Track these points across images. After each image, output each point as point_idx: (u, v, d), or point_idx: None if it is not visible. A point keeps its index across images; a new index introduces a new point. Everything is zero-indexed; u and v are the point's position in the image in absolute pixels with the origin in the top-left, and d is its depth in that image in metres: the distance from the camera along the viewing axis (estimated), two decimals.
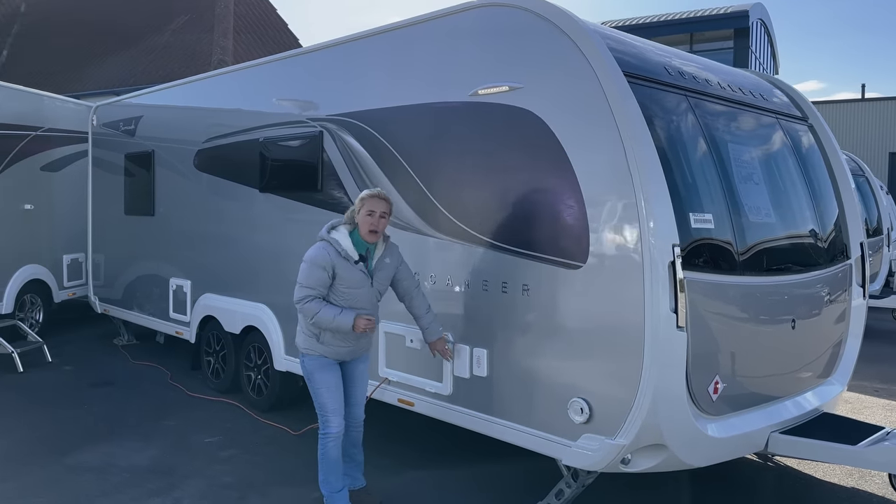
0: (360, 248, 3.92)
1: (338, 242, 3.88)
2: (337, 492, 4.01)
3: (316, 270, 3.85)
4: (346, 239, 3.91)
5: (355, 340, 4.00)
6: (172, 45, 16.97)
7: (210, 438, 5.34)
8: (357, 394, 4.17)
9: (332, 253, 3.85)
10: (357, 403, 4.18)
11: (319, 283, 3.85)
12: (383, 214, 3.91)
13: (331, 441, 3.97)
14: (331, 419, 3.96)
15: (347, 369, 4.12)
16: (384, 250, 4.03)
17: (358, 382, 4.17)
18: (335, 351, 3.99)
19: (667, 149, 3.66)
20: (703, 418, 3.64)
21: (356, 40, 5.01)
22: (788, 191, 4.57)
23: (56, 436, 5.38)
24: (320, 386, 3.98)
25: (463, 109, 4.21)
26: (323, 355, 3.98)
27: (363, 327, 3.84)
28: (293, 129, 5.51)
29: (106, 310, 8.52)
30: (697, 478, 4.59)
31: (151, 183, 7.50)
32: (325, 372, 3.98)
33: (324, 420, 3.98)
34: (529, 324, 3.89)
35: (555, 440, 3.76)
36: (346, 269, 3.87)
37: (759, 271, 4.04)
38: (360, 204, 3.92)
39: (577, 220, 3.64)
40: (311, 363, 4.01)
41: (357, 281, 3.90)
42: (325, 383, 3.98)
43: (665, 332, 3.35)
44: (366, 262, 3.94)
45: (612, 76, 3.52)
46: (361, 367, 4.17)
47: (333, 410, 3.97)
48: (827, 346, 4.68)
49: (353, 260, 3.88)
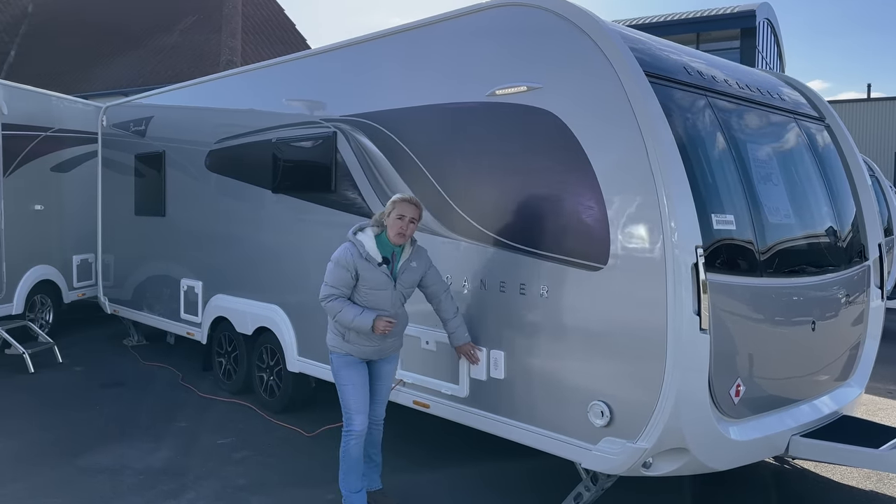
0: (386, 250, 3.92)
1: (361, 244, 3.89)
2: (356, 492, 3.99)
3: (339, 270, 3.88)
4: (371, 241, 3.91)
5: (380, 341, 3.99)
6: (180, 46, 16.97)
7: (223, 440, 5.32)
8: (381, 391, 4.17)
9: (354, 254, 3.87)
10: (379, 401, 4.18)
11: (342, 282, 3.88)
12: (412, 219, 3.90)
13: (353, 439, 3.96)
14: (354, 417, 3.96)
15: (374, 367, 4.13)
16: (411, 254, 4.01)
17: (382, 381, 4.17)
18: (360, 350, 3.99)
19: (687, 149, 3.62)
20: (724, 421, 3.61)
21: (371, 41, 4.98)
22: (807, 191, 4.53)
23: (68, 437, 5.37)
24: (346, 383, 3.99)
25: (480, 110, 4.18)
26: (349, 354, 3.99)
27: (382, 329, 3.84)
28: (306, 130, 5.49)
29: (116, 310, 8.51)
30: (713, 480, 4.55)
31: (162, 183, 7.49)
32: (350, 370, 4.00)
33: (347, 418, 3.98)
34: (548, 326, 3.85)
35: (574, 443, 3.73)
36: (369, 271, 3.87)
37: (780, 273, 4.01)
38: (391, 207, 3.92)
39: (597, 221, 3.60)
40: (338, 361, 4.04)
41: (379, 283, 3.89)
42: (350, 381, 3.98)
43: (688, 334, 3.31)
44: (390, 264, 3.93)
45: (633, 76, 3.49)
46: (388, 367, 4.17)
47: (357, 409, 3.96)
48: (845, 348, 4.64)
49: (375, 262, 3.88)
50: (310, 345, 5.49)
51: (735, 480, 4.63)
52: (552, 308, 3.82)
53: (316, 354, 5.41)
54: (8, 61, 18.87)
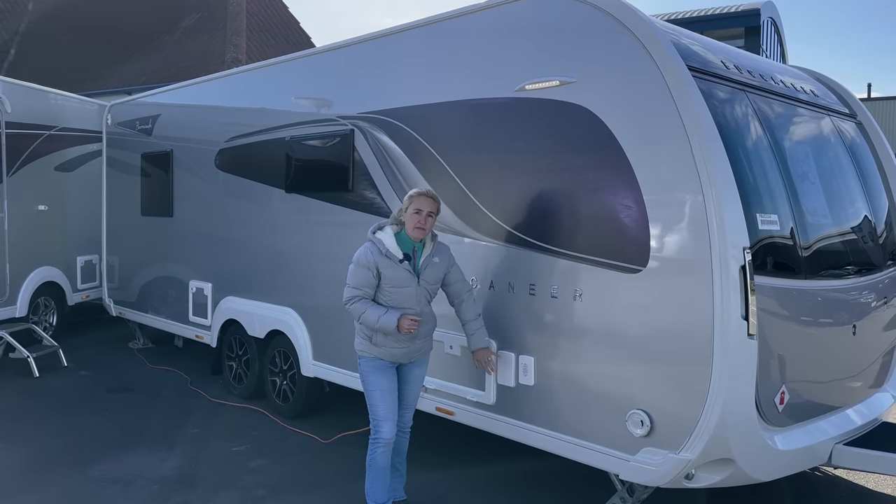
0: (406, 247, 3.80)
1: (381, 242, 3.79)
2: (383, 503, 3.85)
3: (360, 270, 3.77)
4: (391, 238, 3.81)
5: (409, 342, 3.85)
6: (183, 44, 16.77)
7: (237, 447, 5.16)
8: (409, 396, 4.03)
9: (374, 252, 3.76)
10: (407, 407, 4.04)
11: (364, 283, 3.76)
12: (430, 213, 3.79)
13: (380, 447, 3.82)
14: (381, 425, 3.82)
15: (403, 372, 3.98)
16: (432, 249, 3.89)
17: (412, 385, 4.02)
18: (389, 353, 3.85)
19: (730, 145, 3.46)
20: (769, 430, 3.45)
21: (392, 35, 4.82)
22: (843, 190, 4.38)
23: (77, 444, 5.20)
24: (374, 388, 3.85)
25: (508, 105, 4.02)
26: (378, 357, 3.85)
27: (407, 328, 3.70)
28: (322, 128, 5.33)
29: (121, 313, 8.33)
30: (742, 487, 4.39)
31: (169, 183, 7.32)
32: (378, 374, 3.86)
33: (375, 425, 3.84)
34: (582, 331, 3.70)
35: (611, 454, 3.57)
36: (390, 269, 3.75)
37: (823, 275, 3.85)
38: (409, 202, 3.81)
39: (636, 221, 3.45)
40: (366, 365, 3.90)
41: (402, 280, 3.77)
42: (378, 386, 3.84)
43: (736, 340, 3.16)
44: (411, 261, 3.80)
45: (675, 69, 3.33)
46: (417, 371, 4.02)
47: (385, 416, 3.82)
48: (882, 352, 4.49)
49: (396, 259, 3.77)
50: (325, 348, 5.33)
51: (764, 488, 4.47)
52: (587, 312, 3.67)
53: (332, 358, 5.25)
54: (8, 60, 18.66)
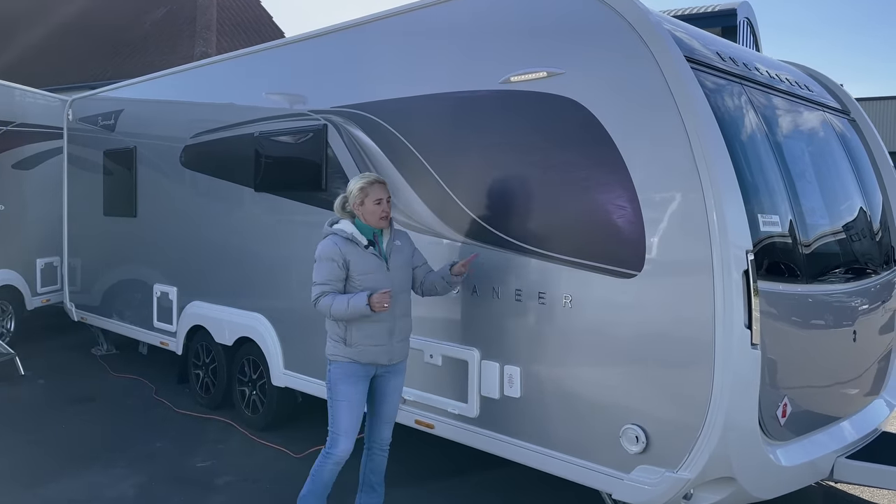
0: (367, 234, 3.59)
1: (342, 231, 3.58)
2: None
3: (326, 264, 3.53)
4: (351, 226, 3.61)
5: (388, 338, 3.58)
6: (152, 37, 16.24)
7: (203, 462, 4.85)
8: (387, 411, 3.76)
9: (339, 242, 3.55)
10: (386, 422, 3.78)
11: (332, 276, 3.52)
12: (389, 198, 3.63)
13: (331, 463, 3.56)
14: (340, 440, 3.54)
15: (380, 384, 3.70)
16: (392, 234, 3.69)
17: (390, 399, 3.75)
18: (367, 352, 3.56)
19: (730, 141, 3.24)
20: (772, 445, 3.24)
21: (366, 24, 4.54)
22: (842, 189, 4.20)
23: (30, 461, 4.85)
24: (341, 399, 3.56)
25: (492, 98, 3.77)
26: (353, 360, 3.56)
27: (378, 301, 3.40)
28: (293, 123, 5.03)
29: (83, 318, 7.95)
30: None
31: (133, 182, 6.96)
32: (349, 384, 3.57)
33: (333, 438, 3.56)
34: (572, 340, 3.45)
35: (603, 471, 3.33)
36: (359, 255, 3.54)
37: (824, 279, 3.66)
38: (362, 195, 3.58)
39: (631, 222, 3.21)
40: (338, 371, 3.59)
41: (371, 266, 3.55)
42: (346, 397, 3.56)
43: (739, 350, 2.93)
44: (376, 246, 3.59)
45: (673, 60, 3.10)
46: (395, 382, 3.75)
47: (346, 431, 3.54)
48: (880, 357, 4.31)
49: (362, 244, 3.55)
50: (297, 357, 5.04)
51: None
52: (577, 319, 3.43)
53: (304, 367, 4.96)
54: None
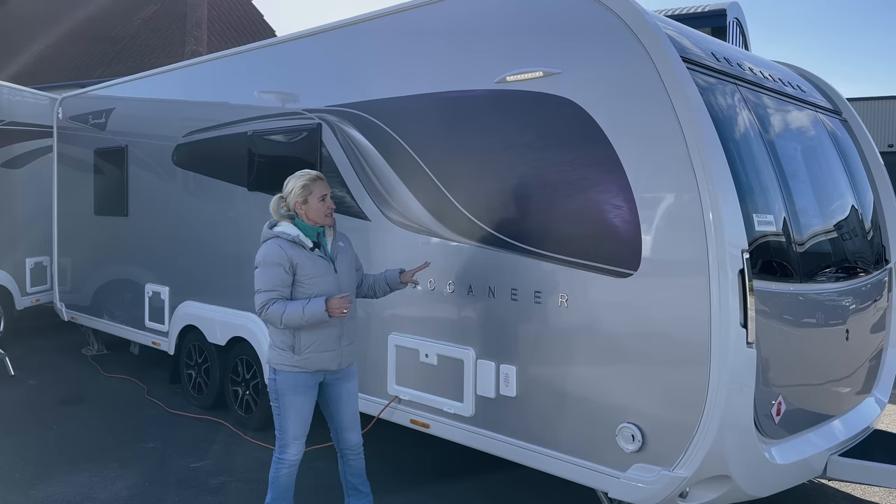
0: (311, 235, 3.48)
1: (286, 233, 3.44)
2: None
3: (271, 269, 3.38)
4: (293, 228, 3.47)
5: (337, 343, 3.48)
6: (142, 35, 16.15)
7: (196, 463, 4.82)
8: (346, 416, 3.63)
9: (284, 245, 3.40)
10: (348, 427, 3.64)
11: (279, 282, 3.37)
12: (331, 195, 3.55)
13: (286, 468, 3.52)
14: (289, 444, 3.50)
15: (331, 391, 3.60)
16: (335, 234, 3.60)
17: (345, 403, 3.62)
18: (317, 360, 3.44)
19: (725, 140, 3.25)
20: (766, 443, 3.26)
21: (362, 22, 4.53)
22: (834, 189, 4.23)
23: (21, 462, 4.80)
24: (288, 409, 3.47)
25: (488, 98, 3.77)
26: (301, 370, 3.44)
27: (337, 307, 3.30)
28: (287, 122, 5.02)
29: (74, 318, 7.89)
30: None
31: (124, 181, 6.92)
32: (297, 395, 3.46)
33: (281, 444, 3.52)
34: (568, 339, 3.46)
35: (599, 470, 3.34)
36: (306, 258, 3.41)
37: (818, 278, 3.68)
38: (305, 192, 3.45)
39: (627, 222, 3.22)
40: (284, 382, 3.46)
41: (320, 269, 3.42)
42: (293, 407, 3.47)
43: (735, 349, 2.95)
44: (321, 248, 3.49)
45: (670, 60, 3.11)
46: (348, 386, 3.62)
47: (294, 437, 3.50)
48: (872, 356, 4.35)
49: (308, 247, 3.44)
50: None
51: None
52: (573, 319, 3.43)
53: None
54: None
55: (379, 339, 4.39)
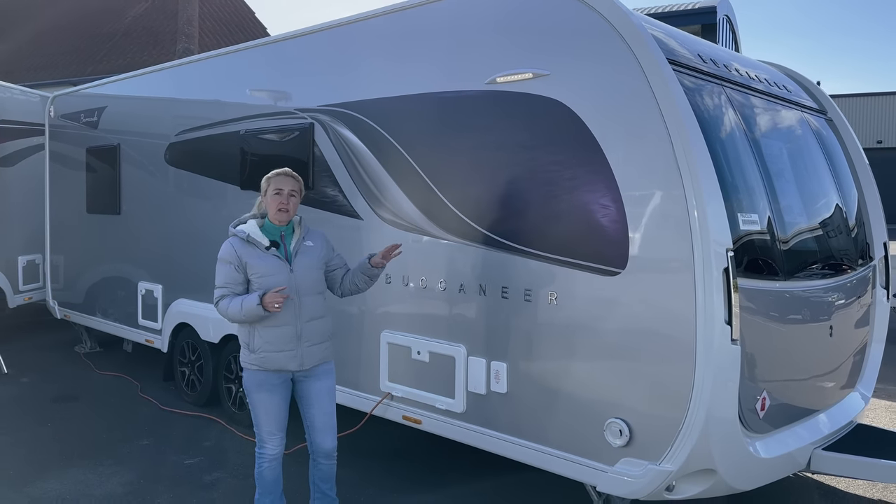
0: (273, 234, 3.53)
1: (242, 231, 3.50)
2: None
3: (223, 267, 3.48)
4: (254, 227, 3.53)
5: (295, 342, 3.48)
6: (133, 33, 16.12)
7: (191, 460, 4.87)
8: (317, 417, 3.60)
9: (236, 244, 3.47)
10: (319, 429, 3.61)
11: (230, 279, 3.46)
12: (292, 193, 3.52)
13: (265, 462, 3.57)
14: (266, 440, 3.55)
15: (301, 389, 3.61)
16: (302, 233, 3.59)
17: (316, 403, 3.59)
18: (272, 359, 3.46)
19: (711, 141, 3.32)
20: (751, 438, 3.33)
21: (353, 23, 4.57)
22: (819, 188, 4.30)
23: (16, 460, 4.84)
24: (258, 406, 3.53)
25: (478, 99, 3.82)
26: (260, 368, 3.48)
27: (270, 301, 3.29)
28: (280, 121, 5.05)
29: (67, 315, 7.91)
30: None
31: (117, 179, 6.94)
32: (262, 392, 3.51)
33: (259, 440, 3.57)
34: (557, 336, 3.52)
35: (588, 464, 3.41)
36: (257, 258, 3.45)
37: (802, 276, 3.75)
38: (266, 184, 3.54)
39: (614, 221, 3.28)
40: (249, 379, 3.53)
41: (271, 268, 3.45)
42: (262, 406, 3.52)
43: (720, 346, 3.02)
44: (279, 247, 3.52)
45: (656, 62, 3.17)
46: (318, 386, 3.59)
47: (269, 432, 3.54)
48: (856, 352, 4.43)
49: (262, 246, 3.47)
50: None
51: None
52: (562, 316, 3.50)
53: None
54: None
55: (371, 336, 4.44)
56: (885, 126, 31.05)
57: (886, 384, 7.17)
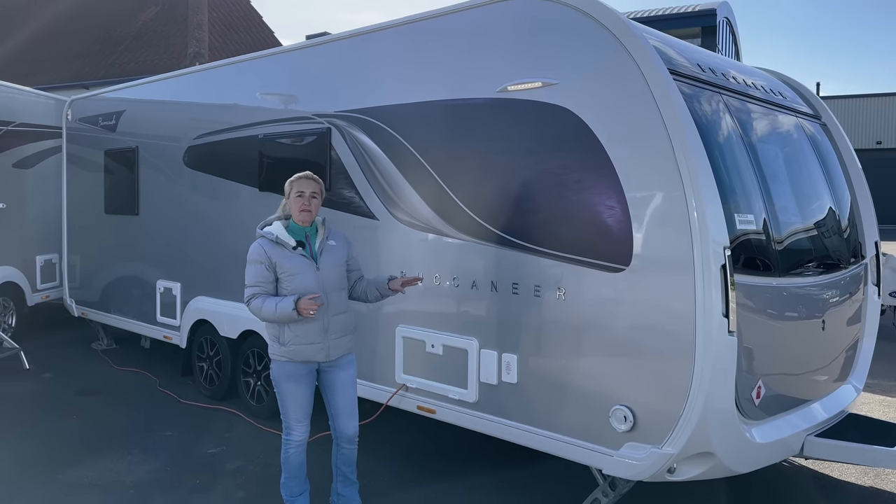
0: (298, 235, 3.76)
1: (270, 233, 3.75)
2: (297, 496, 3.89)
3: (254, 267, 3.72)
4: (280, 229, 3.77)
5: (322, 336, 3.73)
6: (144, 37, 16.38)
7: (213, 449, 5.10)
8: (341, 404, 3.85)
9: (265, 245, 3.71)
10: (343, 415, 3.85)
11: (261, 278, 3.69)
12: (314, 195, 3.76)
13: (292, 448, 3.82)
14: (293, 427, 3.80)
15: (326, 378, 3.85)
16: (325, 233, 3.84)
17: (340, 391, 3.84)
18: (300, 351, 3.71)
19: (709, 146, 3.54)
20: (747, 424, 3.56)
21: (370, 33, 4.80)
22: (811, 190, 4.53)
23: (47, 449, 5.08)
24: (286, 396, 3.77)
25: (490, 106, 4.05)
26: (289, 359, 3.73)
27: (305, 307, 3.53)
28: (298, 126, 5.29)
29: (84, 313, 8.14)
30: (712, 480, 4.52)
31: (135, 180, 7.17)
32: (291, 383, 3.75)
33: (286, 427, 3.82)
34: (565, 329, 3.75)
35: (594, 449, 3.64)
36: (285, 258, 3.69)
37: (795, 272, 3.98)
38: (289, 188, 3.79)
39: (619, 221, 3.51)
40: (278, 371, 3.77)
41: (299, 267, 3.69)
42: (290, 395, 3.76)
43: (717, 337, 3.25)
44: (305, 247, 3.76)
45: (657, 72, 3.40)
46: (343, 375, 3.85)
47: (296, 419, 3.79)
48: (847, 346, 4.66)
49: (289, 246, 3.71)
50: None
51: (737, 480, 4.60)
52: (570, 311, 3.73)
53: None
54: None
55: (387, 331, 4.67)
56: (885, 127, 31.31)
57: (881, 380, 7.40)
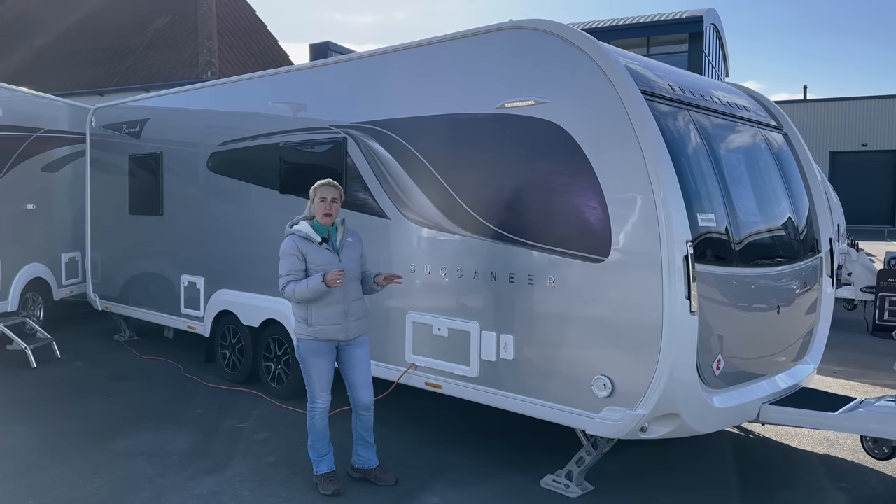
0: (321, 232, 4.38)
1: (299, 230, 4.39)
2: (323, 456, 4.51)
3: (288, 259, 4.33)
4: (307, 227, 4.40)
5: (343, 318, 4.34)
6: (155, 46, 16.97)
7: (242, 424, 5.71)
8: (357, 377, 4.47)
9: (297, 240, 4.35)
10: (360, 386, 4.48)
11: (294, 268, 4.31)
12: (334, 199, 4.38)
13: (318, 414, 4.45)
14: (318, 396, 4.43)
15: (345, 356, 4.47)
16: (344, 232, 4.47)
17: (357, 366, 4.46)
18: (325, 331, 4.32)
19: (675, 156, 4.18)
20: (708, 391, 4.20)
21: (384, 55, 5.44)
22: (770, 192, 5.17)
23: (93, 425, 5.67)
24: (311, 369, 4.40)
25: (490, 120, 4.68)
26: (315, 338, 4.34)
27: (332, 278, 4.14)
28: (316, 135, 5.91)
29: (108, 307, 8.73)
30: (686, 448, 5.16)
31: (159, 183, 7.77)
32: (316, 358, 4.38)
33: (311, 397, 4.45)
34: (555, 312, 4.39)
35: (579, 413, 4.27)
36: (314, 251, 4.32)
37: (752, 264, 4.63)
38: (314, 193, 4.41)
39: (600, 219, 4.15)
40: (305, 348, 4.39)
41: (326, 260, 4.31)
42: (315, 367, 4.39)
43: (681, 316, 3.89)
44: (329, 243, 4.39)
45: (631, 94, 4.04)
46: (359, 352, 4.47)
47: (321, 390, 4.43)
48: (803, 330, 5.31)
49: (316, 242, 4.35)
50: None
51: (708, 449, 5.25)
52: (559, 296, 4.36)
53: None
54: None
55: (398, 317, 5.30)
56: (870, 129, 32.11)
57: (847, 367, 8.08)
